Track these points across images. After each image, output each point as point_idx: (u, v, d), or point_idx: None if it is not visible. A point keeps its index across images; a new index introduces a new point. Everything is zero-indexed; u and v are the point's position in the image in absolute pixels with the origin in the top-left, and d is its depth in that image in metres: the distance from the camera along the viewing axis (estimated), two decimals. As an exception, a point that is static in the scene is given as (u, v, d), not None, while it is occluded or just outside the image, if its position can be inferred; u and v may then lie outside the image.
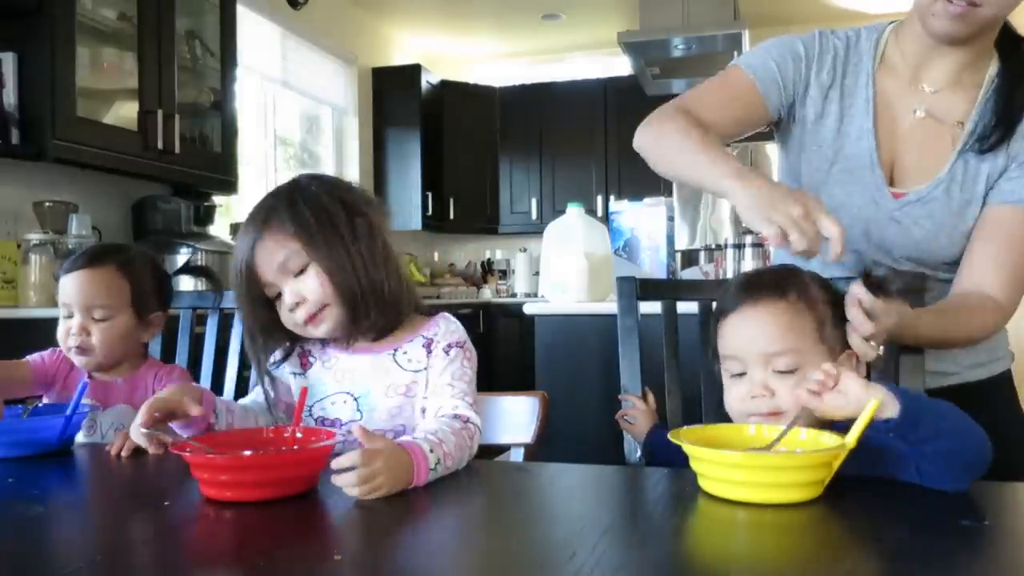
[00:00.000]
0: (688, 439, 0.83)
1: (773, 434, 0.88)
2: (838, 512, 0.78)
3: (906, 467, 0.83)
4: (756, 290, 0.95)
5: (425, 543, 0.75)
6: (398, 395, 1.09)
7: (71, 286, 1.28)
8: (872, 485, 0.86)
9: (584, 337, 2.30)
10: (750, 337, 0.94)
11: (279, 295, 1.07)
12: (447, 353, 1.09)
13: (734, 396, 0.95)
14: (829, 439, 0.84)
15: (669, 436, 0.85)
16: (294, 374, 1.15)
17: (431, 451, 0.90)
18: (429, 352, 1.10)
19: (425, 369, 1.10)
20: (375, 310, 1.07)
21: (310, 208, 1.05)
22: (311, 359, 1.14)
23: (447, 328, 1.12)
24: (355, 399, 1.10)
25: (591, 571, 0.60)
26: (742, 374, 0.95)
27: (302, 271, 1.04)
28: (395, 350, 1.11)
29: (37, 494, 0.94)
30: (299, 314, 1.05)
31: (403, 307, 1.11)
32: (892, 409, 0.80)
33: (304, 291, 1.04)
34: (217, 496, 0.82)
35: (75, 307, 1.27)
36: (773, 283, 0.96)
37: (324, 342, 1.13)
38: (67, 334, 1.28)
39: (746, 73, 1.27)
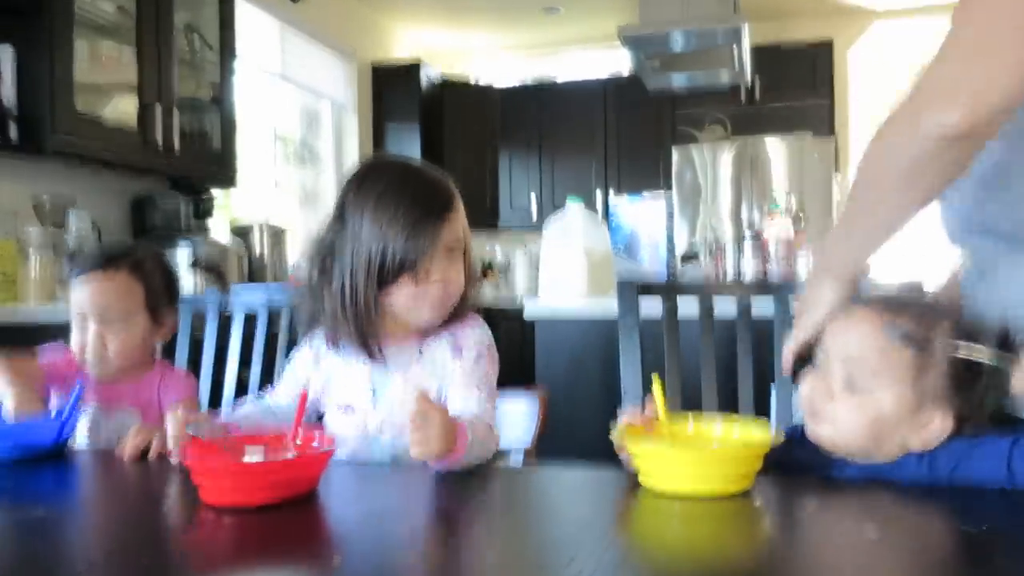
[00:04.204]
0: (632, 437, 0.89)
1: (708, 430, 0.94)
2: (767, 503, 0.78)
3: (998, 466, 0.81)
4: (881, 299, 0.89)
5: (425, 545, 0.75)
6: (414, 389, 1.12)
7: (85, 295, 1.25)
8: (872, 486, 0.86)
9: (584, 337, 2.30)
10: (840, 340, 0.88)
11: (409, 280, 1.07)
12: (475, 356, 1.13)
13: (805, 382, 0.91)
14: (760, 432, 0.90)
15: (613, 436, 0.89)
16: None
17: (471, 435, 0.94)
18: (455, 355, 1.13)
19: (440, 373, 1.13)
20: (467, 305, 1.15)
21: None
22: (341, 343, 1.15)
23: (474, 332, 1.15)
24: (372, 389, 1.13)
25: (591, 572, 0.60)
26: (820, 366, 0.90)
27: (455, 253, 1.10)
28: (421, 346, 1.14)
29: (36, 498, 0.94)
30: (438, 290, 1.08)
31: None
32: None
33: (454, 273, 1.09)
34: (216, 502, 0.82)
35: (91, 316, 1.25)
36: (900, 302, 0.88)
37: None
38: (82, 348, 1.25)
39: None
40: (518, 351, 4.92)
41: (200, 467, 0.83)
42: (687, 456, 0.86)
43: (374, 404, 1.13)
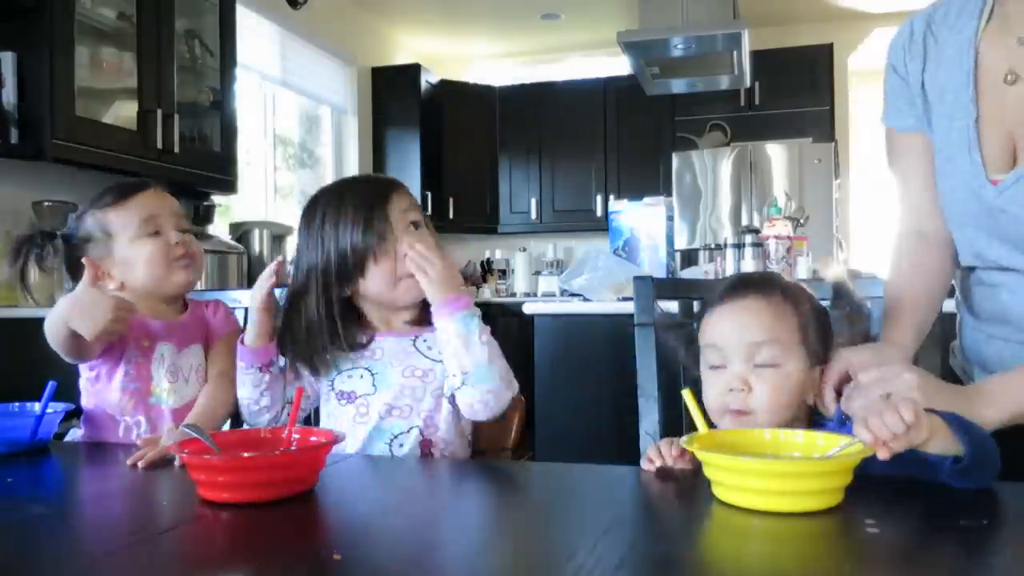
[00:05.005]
0: (701, 445, 0.81)
1: (789, 438, 0.86)
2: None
3: (934, 471, 0.81)
4: (744, 287, 0.98)
5: (425, 543, 0.75)
6: (414, 377, 1.16)
7: (158, 201, 1.24)
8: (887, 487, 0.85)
9: (583, 337, 2.30)
10: (734, 327, 0.95)
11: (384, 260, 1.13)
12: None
13: (713, 388, 0.96)
14: (845, 441, 0.80)
15: (682, 442, 0.84)
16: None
17: (476, 314, 1.10)
18: None
19: (441, 361, 1.16)
20: None
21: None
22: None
23: None
24: (372, 374, 1.17)
25: (590, 571, 0.60)
26: (721, 367, 0.95)
27: (417, 225, 1.16)
28: (416, 337, 1.18)
29: (34, 495, 0.94)
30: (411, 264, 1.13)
31: None
32: (949, 444, 0.78)
33: (423, 242, 1.14)
34: (215, 498, 0.81)
35: (165, 219, 1.24)
36: (760, 282, 0.99)
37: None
38: (167, 246, 1.23)
39: (892, 129, 1.17)
40: (518, 351, 4.93)
41: (197, 463, 0.82)
42: (774, 469, 0.76)
43: (375, 390, 1.16)
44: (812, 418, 0.99)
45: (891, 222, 1.21)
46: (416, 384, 1.15)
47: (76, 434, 1.27)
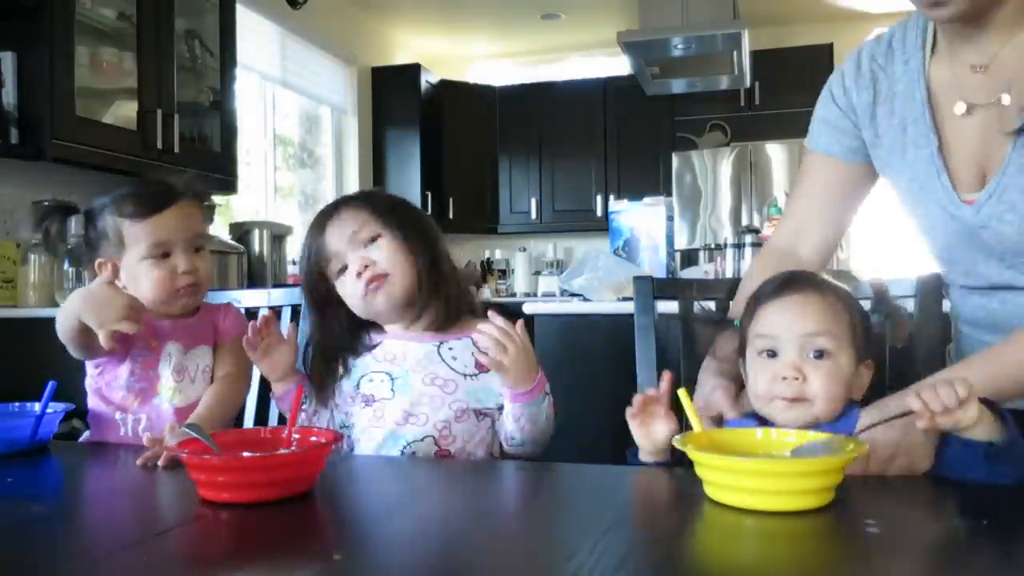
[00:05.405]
0: (693, 444, 0.81)
1: (781, 438, 0.87)
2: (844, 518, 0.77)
3: (971, 468, 0.82)
4: (800, 282, 0.99)
5: (425, 543, 0.74)
6: (434, 385, 1.14)
7: (170, 223, 1.21)
8: (880, 487, 0.86)
9: (584, 337, 2.30)
10: (790, 319, 0.96)
11: (341, 279, 1.15)
12: None
13: (763, 378, 0.95)
14: (839, 441, 0.81)
15: (674, 442, 0.84)
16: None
17: (547, 391, 1.12)
18: (480, 355, 1.14)
19: (471, 376, 1.15)
20: (433, 296, 1.16)
21: (384, 197, 1.20)
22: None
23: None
24: (392, 379, 1.15)
25: (590, 571, 0.60)
26: (773, 356, 0.95)
27: (373, 240, 1.14)
28: (441, 343, 1.17)
29: (34, 494, 0.94)
30: (363, 279, 1.12)
31: (459, 307, 1.19)
32: (993, 432, 0.80)
33: (373, 257, 1.13)
34: (215, 497, 0.81)
35: (177, 243, 1.21)
36: (816, 281, 1.00)
37: (378, 328, 1.21)
38: (173, 274, 1.21)
39: (814, 150, 1.21)
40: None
41: (197, 463, 0.82)
42: (767, 468, 0.77)
43: (393, 395, 1.15)
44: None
45: (769, 239, 1.27)
46: (435, 393, 1.14)
47: (87, 434, 1.26)
